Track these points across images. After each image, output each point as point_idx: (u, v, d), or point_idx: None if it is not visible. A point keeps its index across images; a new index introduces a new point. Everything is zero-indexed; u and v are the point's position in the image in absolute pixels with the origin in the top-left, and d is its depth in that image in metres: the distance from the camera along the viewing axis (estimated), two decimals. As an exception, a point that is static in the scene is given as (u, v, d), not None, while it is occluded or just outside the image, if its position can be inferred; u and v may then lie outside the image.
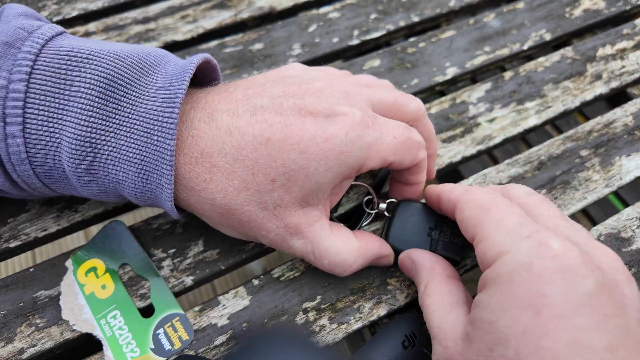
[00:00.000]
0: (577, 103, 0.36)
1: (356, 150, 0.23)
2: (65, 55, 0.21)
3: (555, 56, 0.38)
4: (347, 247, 0.25)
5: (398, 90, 0.27)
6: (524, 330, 0.18)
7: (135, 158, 0.22)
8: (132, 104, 0.22)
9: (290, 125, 0.22)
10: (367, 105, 0.24)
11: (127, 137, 0.22)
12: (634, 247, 0.29)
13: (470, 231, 0.22)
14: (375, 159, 0.24)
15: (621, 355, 0.17)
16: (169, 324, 0.26)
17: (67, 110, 0.21)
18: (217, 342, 0.26)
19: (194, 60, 0.23)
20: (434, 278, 0.24)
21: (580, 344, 0.17)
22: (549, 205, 0.23)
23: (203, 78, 0.26)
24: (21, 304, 0.26)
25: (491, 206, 0.22)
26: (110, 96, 0.21)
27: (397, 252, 0.27)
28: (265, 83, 0.24)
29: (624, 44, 0.40)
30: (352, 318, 0.27)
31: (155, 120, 0.21)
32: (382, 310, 0.27)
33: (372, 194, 0.29)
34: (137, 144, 0.22)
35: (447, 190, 0.25)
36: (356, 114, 0.23)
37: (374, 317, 0.27)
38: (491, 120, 0.35)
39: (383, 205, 0.28)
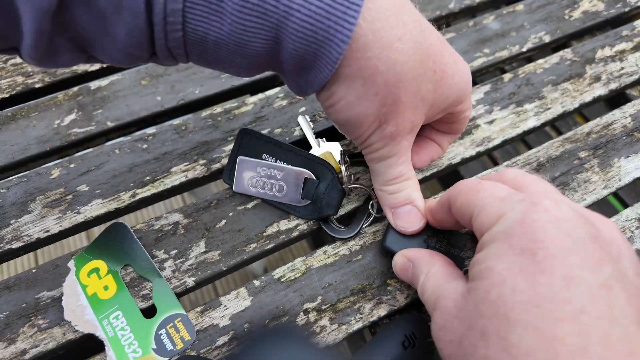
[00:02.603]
0: (576, 105, 0.36)
1: (453, 85, 0.25)
2: None
3: (554, 58, 0.39)
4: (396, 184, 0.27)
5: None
6: (520, 269, 0.18)
7: None
8: None
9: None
10: None
11: None
12: (634, 247, 0.30)
13: (467, 215, 0.22)
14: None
15: (617, 293, 0.17)
16: (171, 324, 0.26)
17: None
18: (218, 343, 0.26)
19: None
20: (434, 265, 0.24)
21: (575, 279, 0.17)
22: (544, 183, 0.23)
23: None
24: (24, 305, 0.26)
25: (480, 187, 0.22)
26: None
27: (393, 256, 0.27)
28: None
29: (623, 45, 0.40)
30: (352, 319, 0.27)
31: None
32: (382, 311, 0.27)
33: (373, 197, 0.29)
34: None
35: (436, 200, 0.26)
36: None
37: (375, 318, 0.27)
38: (490, 122, 0.35)
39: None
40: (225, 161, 0.32)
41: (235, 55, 0.21)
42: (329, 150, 0.31)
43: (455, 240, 0.27)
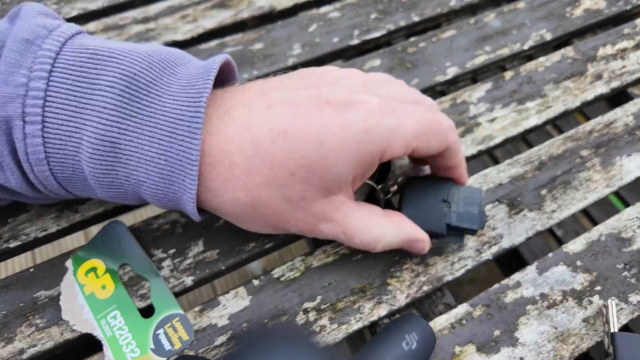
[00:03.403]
0: (577, 103, 0.36)
1: (377, 138, 0.22)
2: (86, 53, 0.21)
3: (555, 56, 0.38)
4: (377, 224, 0.25)
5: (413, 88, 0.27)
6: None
7: (159, 158, 0.21)
8: (155, 103, 0.21)
9: (307, 116, 0.22)
10: (386, 95, 0.24)
11: (150, 136, 0.21)
12: (634, 247, 0.29)
13: None
14: (398, 146, 0.23)
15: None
16: (169, 324, 0.26)
17: (88, 109, 0.21)
18: (217, 343, 0.26)
19: (216, 60, 0.23)
20: None
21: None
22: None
23: (221, 80, 0.26)
24: (21, 304, 0.26)
25: None
26: (132, 95, 0.21)
27: None
28: (282, 79, 0.24)
29: (624, 43, 0.39)
30: (352, 318, 0.27)
31: (180, 119, 0.21)
32: (382, 311, 0.27)
33: (375, 187, 0.28)
34: (160, 144, 0.21)
35: None
36: (374, 100, 0.23)
37: (374, 318, 0.27)
38: (492, 120, 0.35)
39: (392, 189, 0.28)
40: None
41: (124, 202, 0.25)
42: None
43: (470, 196, 0.27)
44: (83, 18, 0.39)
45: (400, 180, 0.29)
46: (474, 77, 0.39)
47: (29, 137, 0.21)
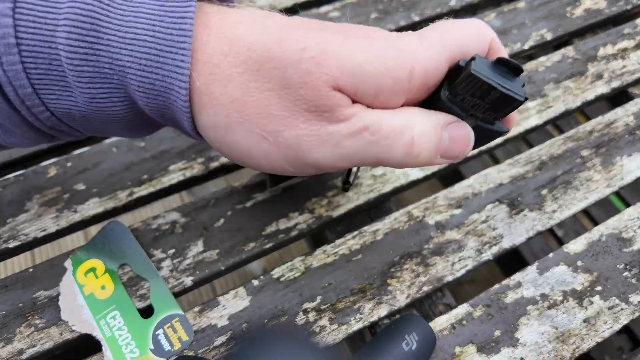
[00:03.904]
0: (578, 103, 0.36)
1: (404, 53, 0.19)
2: None
3: (556, 56, 0.38)
4: (403, 109, 0.20)
5: None
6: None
7: (145, 34, 0.18)
8: None
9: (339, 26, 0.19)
10: None
11: (135, 11, 0.18)
12: (635, 247, 0.29)
13: None
14: (429, 66, 0.19)
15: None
16: (169, 324, 0.26)
17: None
18: (216, 343, 0.26)
19: None
20: None
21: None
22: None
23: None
24: (20, 305, 0.26)
25: None
26: None
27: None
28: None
29: (625, 43, 0.39)
30: (352, 319, 0.27)
31: None
32: (382, 311, 0.27)
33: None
34: (147, 18, 0.18)
35: None
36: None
37: (374, 318, 0.27)
38: (492, 120, 0.35)
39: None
40: (224, 159, 0.32)
41: (109, 122, 0.21)
42: None
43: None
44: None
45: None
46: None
47: None
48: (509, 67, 0.19)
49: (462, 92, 0.19)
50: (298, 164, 0.20)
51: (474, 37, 0.20)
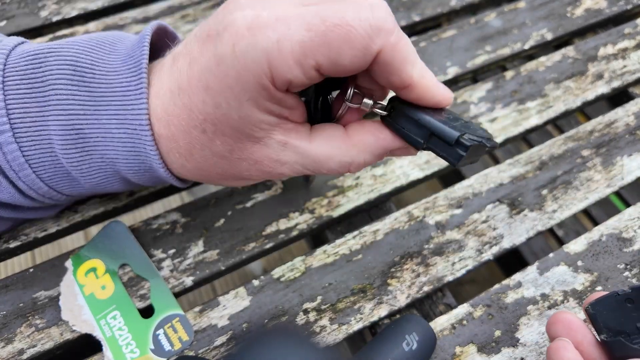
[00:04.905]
0: (578, 103, 0.36)
1: (251, 64, 0.18)
2: (28, 56, 0.22)
3: (556, 56, 0.38)
4: (340, 148, 0.22)
5: None
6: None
7: (119, 133, 0.22)
8: (103, 83, 0.22)
9: (195, 62, 0.20)
10: (274, 3, 0.19)
11: (107, 115, 0.22)
12: (635, 247, 0.29)
13: None
14: (285, 66, 0.18)
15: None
16: (169, 324, 0.26)
17: (46, 104, 0.21)
18: (217, 343, 0.26)
19: (148, 27, 0.23)
20: None
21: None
22: None
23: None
24: (21, 305, 0.26)
25: None
26: (80, 79, 0.21)
27: None
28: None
29: (625, 43, 0.39)
30: (352, 319, 0.26)
31: (127, 90, 0.21)
32: (382, 311, 0.27)
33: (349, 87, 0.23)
34: (117, 119, 0.22)
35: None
36: (246, 15, 0.18)
37: (375, 318, 0.27)
38: (492, 120, 0.35)
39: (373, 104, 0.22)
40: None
41: (112, 188, 0.25)
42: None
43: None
44: (83, 18, 0.39)
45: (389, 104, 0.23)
46: (474, 76, 0.39)
47: (4, 146, 0.21)
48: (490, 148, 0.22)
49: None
50: (249, 181, 0.24)
51: (349, 45, 0.18)
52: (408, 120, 0.21)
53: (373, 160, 0.23)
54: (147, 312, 0.26)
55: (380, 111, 0.22)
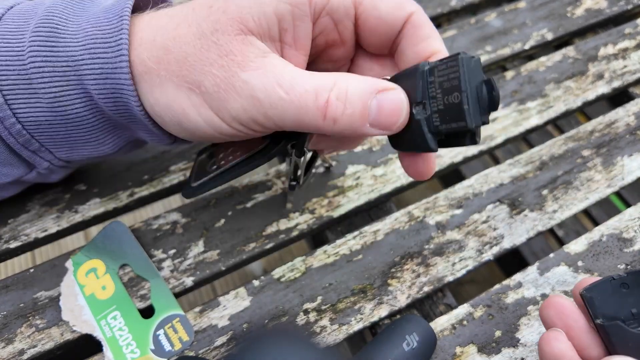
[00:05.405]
0: (578, 103, 0.36)
1: None
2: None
3: (556, 56, 0.38)
4: (322, 73, 0.19)
5: None
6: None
7: (94, 30, 0.21)
8: (99, 3, 0.22)
9: None
10: None
11: (87, 20, 0.21)
12: (636, 247, 0.29)
13: None
14: None
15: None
16: (169, 324, 0.26)
17: (35, 15, 0.21)
18: (217, 343, 0.26)
19: None
20: None
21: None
22: None
23: None
24: (21, 305, 0.26)
25: None
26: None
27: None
28: None
29: (625, 43, 0.39)
30: (353, 319, 0.26)
31: (116, 1, 0.21)
32: (383, 311, 0.27)
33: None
34: (95, 19, 0.21)
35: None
36: None
37: (375, 318, 0.27)
38: (493, 120, 0.35)
39: None
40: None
41: (73, 129, 0.23)
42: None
43: (448, 80, 0.18)
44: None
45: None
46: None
47: None
48: (490, 94, 0.18)
49: (437, 75, 0.18)
50: (226, 117, 0.20)
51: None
52: (407, 71, 0.20)
53: (357, 101, 0.19)
54: (147, 312, 0.26)
55: None
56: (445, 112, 0.18)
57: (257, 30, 0.19)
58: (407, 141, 0.20)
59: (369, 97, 0.19)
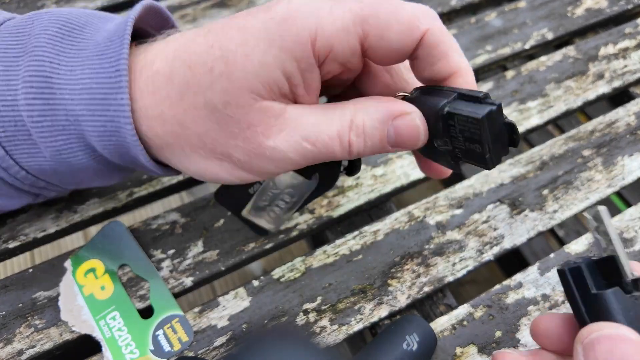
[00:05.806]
0: (579, 102, 0.36)
1: (301, 17, 0.18)
2: (22, 19, 0.22)
3: (557, 55, 0.38)
4: (337, 108, 0.20)
5: None
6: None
7: (91, 82, 0.20)
8: (88, 39, 0.21)
9: (236, 16, 0.20)
10: None
11: (81, 66, 0.20)
12: (637, 247, 0.29)
13: None
14: (332, 30, 0.18)
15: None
16: (169, 325, 0.26)
17: (23, 55, 0.21)
18: (216, 344, 0.25)
19: (139, 5, 0.22)
20: None
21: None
22: None
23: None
24: (20, 305, 0.26)
25: None
26: (66, 32, 0.21)
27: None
28: None
29: (626, 43, 0.39)
30: (352, 319, 0.26)
31: (110, 43, 0.20)
32: (383, 312, 0.27)
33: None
34: (91, 69, 0.20)
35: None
36: None
37: (375, 319, 0.27)
38: (493, 120, 0.34)
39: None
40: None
41: (78, 172, 0.23)
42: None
43: (469, 126, 0.19)
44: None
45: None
46: (475, 76, 0.39)
47: None
48: (511, 137, 0.19)
49: (457, 122, 0.19)
50: (260, 174, 0.21)
51: (399, 27, 0.19)
52: (429, 91, 0.20)
53: (375, 133, 0.20)
54: (146, 312, 0.26)
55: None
56: (467, 152, 0.19)
57: (269, 95, 0.19)
58: (431, 155, 0.21)
59: (384, 127, 0.20)
